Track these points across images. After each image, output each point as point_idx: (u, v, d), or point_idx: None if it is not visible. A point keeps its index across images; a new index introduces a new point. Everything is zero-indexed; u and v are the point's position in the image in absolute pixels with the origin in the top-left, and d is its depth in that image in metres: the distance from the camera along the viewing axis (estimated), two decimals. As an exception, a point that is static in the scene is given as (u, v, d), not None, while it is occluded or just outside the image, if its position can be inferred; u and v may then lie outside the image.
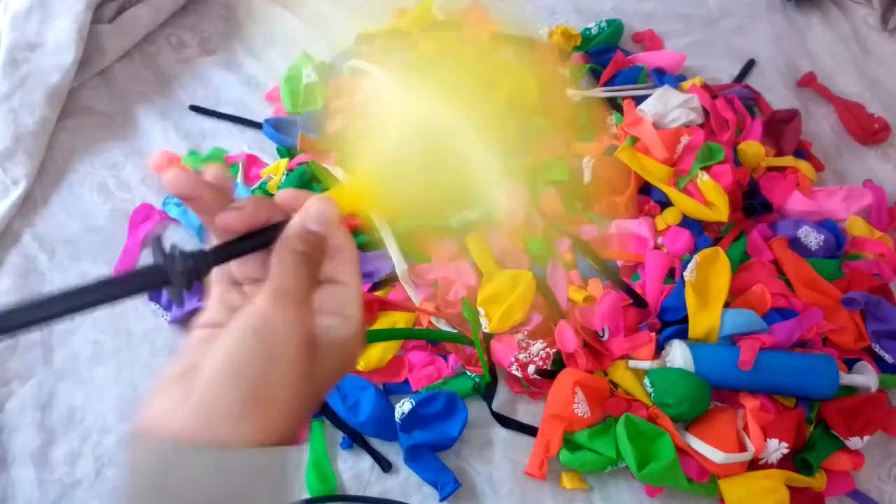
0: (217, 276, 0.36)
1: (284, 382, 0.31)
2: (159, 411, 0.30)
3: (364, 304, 0.36)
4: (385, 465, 0.73)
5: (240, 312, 0.32)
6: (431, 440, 0.72)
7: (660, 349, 0.79)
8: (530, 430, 0.75)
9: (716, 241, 0.86)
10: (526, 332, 0.77)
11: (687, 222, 0.87)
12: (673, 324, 0.80)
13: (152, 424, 0.30)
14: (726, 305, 0.80)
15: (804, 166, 0.96)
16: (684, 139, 0.90)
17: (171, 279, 0.32)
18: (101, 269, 0.85)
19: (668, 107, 0.93)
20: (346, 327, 0.34)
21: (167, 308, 0.81)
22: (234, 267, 0.36)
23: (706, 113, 0.96)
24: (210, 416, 0.29)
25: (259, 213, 0.35)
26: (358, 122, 0.43)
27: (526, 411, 0.77)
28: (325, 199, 0.35)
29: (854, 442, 0.74)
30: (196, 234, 0.87)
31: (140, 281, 0.31)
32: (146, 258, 0.86)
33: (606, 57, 1.04)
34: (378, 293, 0.81)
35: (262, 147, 0.96)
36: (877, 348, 0.81)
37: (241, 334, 0.31)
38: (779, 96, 1.07)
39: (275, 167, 0.91)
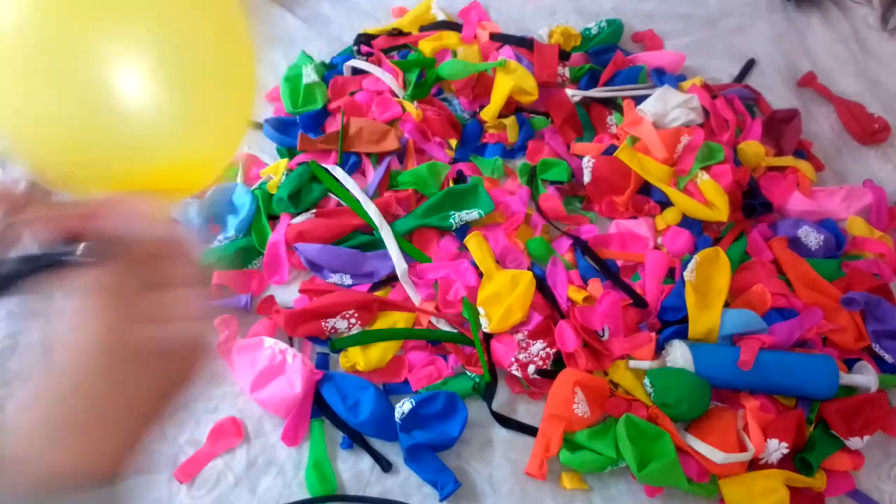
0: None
1: (114, 402, 0.29)
2: (14, 427, 0.29)
3: (202, 307, 0.33)
4: (385, 465, 0.73)
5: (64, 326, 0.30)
6: (431, 440, 0.72)
7: (660, 349, 0.79)
8: (530, 430, 0.75)
9: (716, 241, 0.86)
10: (526, 332, 0.77)
11: (687, 222, 0.87)
12: (673, 324, 0.80)
13: (7, 441, 0.29)
14: (726, 305, 0.80)
15: (804, 166, 0.96)
16: (684, 139, 0.90)
17: None
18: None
19: (668, 107, 0.93)
20: (183, 330, 0.32)
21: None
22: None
23: (706, 113, 0.96)
24: (40, 442, 0.28)
25: (73, 217, 0.32)
26: None
27: (526, 411, 0.77)
28: (142, 199, 0.33)
29: (854, 442, 0.74)
30: (196, 237, 0.87)
31: None
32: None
33: (606, 57, 1.04)
34: (378, 293, 0.81)
35: (262, 147, 0.96)
36: (877, 348, 0.81)
37: (66, 360, 0.30)
38: (779, 96, 1.07)
39: (275, 167, 0.91)
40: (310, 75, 0.98)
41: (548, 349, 0.77)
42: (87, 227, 0.32)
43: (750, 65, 1.12)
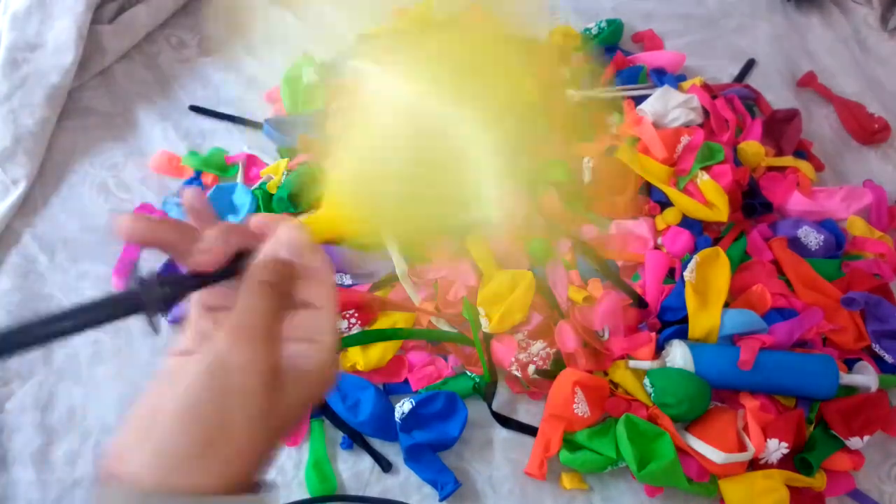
0: (193, 301, 0.35)
1: (241, 423, 0.30)
2: (121, 454, 0.30)
3: (337, 328, 0.34)
4: (385, 465, 0.73)
5: (202, 349, 0.31)
6: (431, 440, 0.72)
7: (660, 349, 0.79)
8: (530, 430, 0.75)
9: (716, 241, 0.86)
10: (526, 332, 0.77)
11: (687, 222, 0.87)
12: (673, 324, 0.80)
13: (115, 468, 0.29)
14: (726, 305, 0.80)
15: (804, 166, 0.96)
16: (684, 139, 0.90)
17: (146, 306, 0.32)
18: (100, 269, 0.85)
19: (668, 107, 0.93)
20: (318, 352, 0.33)
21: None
22: (207, 293, 0.35)
23: (706, 113, 0.96)
24: (164, 463, 0.29)
25: (230, 244, 0.34)
26: (342, 127, 0.41)
27: (526, 411, 0.77)
28: (296, 226, 0.35)
29: (854, 442, 0.74)
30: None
31: (115, 308, 0.31)
32: (140, 264, 0.86)
33: (606, 57, 1.04)
34: (378, 293, 0.81)
35: (262, 147, 0.96)
36: (877, 348, 0.81)
37: (196, 375, 0.30)
38: (779, 96, 1.07)
39: (275, 167, 0.91)
40: (310, 75, 0.98)
41: (548, 349, 0.77)
42: (250, 246, 0.35)
43: (750, 65, 1.12)
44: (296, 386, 0.33)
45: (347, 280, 0.82)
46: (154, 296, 0.32)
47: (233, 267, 0.34)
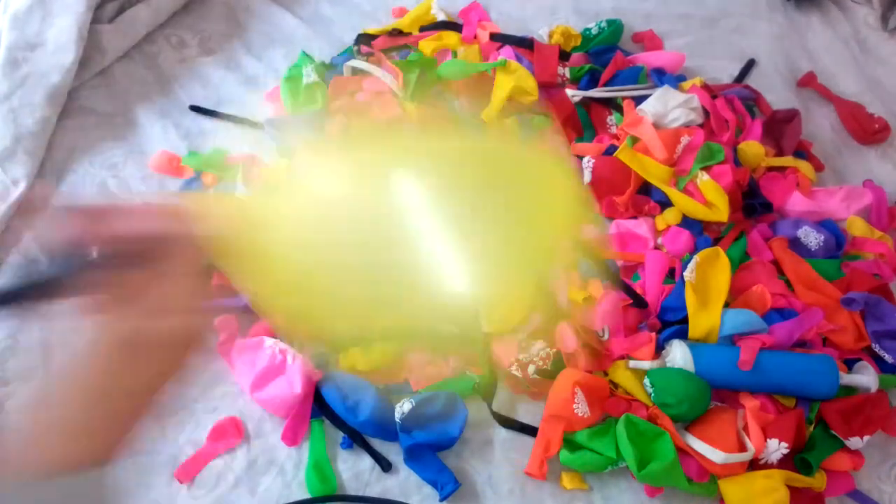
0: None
1: (84, 398, 0.30)
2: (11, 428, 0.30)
3: (197, 294, 0.34)
4: (385, 465, 0.73)
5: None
6: (431, 440, 0.72)
7: (660, 349, 0.79)
8: (530, 430, 0.75)
9: (716, 241, 0.86)
10: (526, 333, 0.77)
11: (687, 222, 0.87)
12: (673, 324, 0.80)
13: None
14: (726, 305, 0.80)
15: (804, 166, 0.96)
16: (684, 139, 0.90)
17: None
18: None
19: (668, 107, 0.93)
20: (176, 320, 0.33)
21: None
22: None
23: (706, 113, 0.96)
24: (15, 445, 0.29)
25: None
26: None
27: (526, 411, 0.77)
28: (168, 196, 0.35)
29: (854, 442, 0.74)
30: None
31: None
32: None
33: (606, 57, 1.04)
34: (378, 293, 0.81)
35: (263, 147, 0.95)
36: (877, 348, 0.81)
37: (38, 362, 0.31)
38: (779, 96, 1.07)
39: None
40: (310, 75, 0.98)
41: (548, 349, 0.77)
42: (95, 230, 0.34)
43: (750, 65, 1.12)
44: (154, 356, 0.33)
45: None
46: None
47: (75, 257, 0.34)
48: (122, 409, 0.32)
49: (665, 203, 0.89)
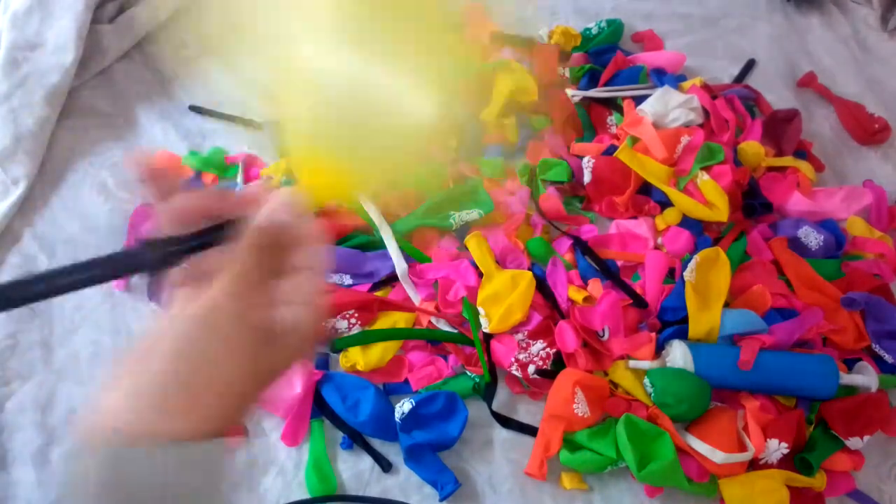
0: (183, 276, 0.36)
1: (227, 372, 0.31)
2: (106, 402, 0.31)
3: (322, 292, 0.35)
4: (385, 465, 0.73)
5: (195, 303, 0.32)
6: (431, 440, 0.72)
7: (660, 349, 0.79)
8: (530, 430, 0.75)
9: (716, 241, 0.86)
10: (526, 332, 0.77)
11: (687, 222, 0.87)
12: (673, 324, 0.80)
13: (97, 417, 0.30)
14: (726, 305, 0.80)
15: (804, 166, 0.96)
16: (684, 139, 0.90)
17: (147, 265, 0.32)
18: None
19: (668, 107, 0.93)
20: (303, 314, 0.34)
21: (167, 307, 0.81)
22: (195, 264, 0.36)
23: (706, 113, 0.96)
24: (144, 408, 0.30)
25: (222, 204, 0.35)
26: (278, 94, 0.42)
27: (526, 411, 0.77)
28: (288, 192, 0.36)
29: (854, 442, 0.74)
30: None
31: (115, 266, 0.32)
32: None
33: (606, 57, 1.04)
34: (378, 293, 0.81)
35: (262, 147, 0.95)
36: (877, 348, 0.81)
37: (189, 321, 0.32)
38: (779, 96, 1.07)
39: (275, 167, 0.91)
40: (310, 75, 0.98)
41: (548, 349, 0.77)
42: (230, 213, 0.35)
43: (750, 65, 1.12)
44: (281, 345, 0.34)
45: (348, 280, 0.82)
46: (154, 255, 0.32)
47: (223, 231, 0.35)
48: (229, 396, 0.32)
49: (665, 203, 0.89)
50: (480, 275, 0.81)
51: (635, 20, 1.15)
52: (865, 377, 0.77)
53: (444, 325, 0.80)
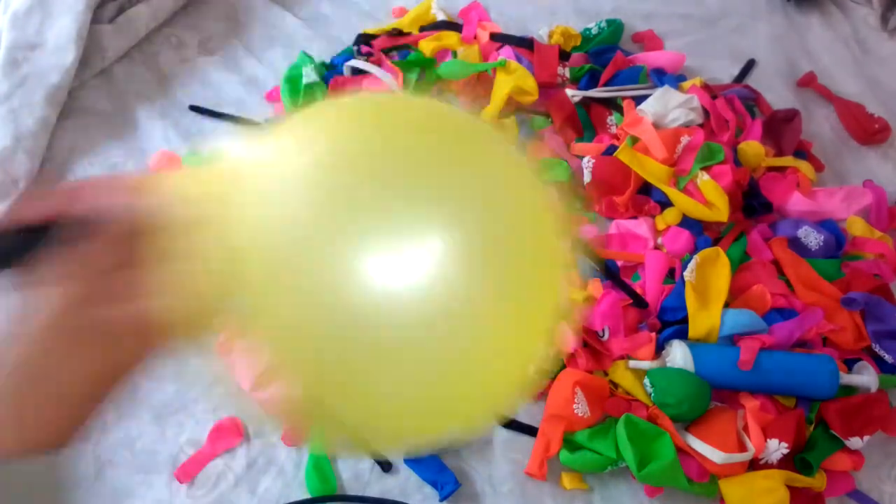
0: (16, 280, 0.34)
1: (65, 378, 0.30)
2: None
3: (175, 288, 0.32)
4: (385, 465, 0.73)
5: (27, 307, 0.31)
6: (431, 440, 0.72)
7: (660, 349, 0.79)
8: (530, 430, 0.75)
9: (716, 241, 0.86)
10: (526, 332, 0.77)
11: (687, 222, 0.87)
12: (673, 324, 0.80)
13: None
14: (726, 305, 0.80)
15: (804, 166, 0.96)
16: (684, 139, 0.90)
17: None
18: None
19: (668, 107, 0.93)
20: (166, 305, 0.32)
21: None
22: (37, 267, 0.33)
23: (706, 113, 0.96)
24: None
25: (69, 204, 0.33)
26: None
27: (526, 411, 0.77)
28: (150, 177, 0.34)
29: (854, 442, 0.74)
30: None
31: None
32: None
33: (606, 57, 1.04)
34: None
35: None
36: (877, 348, 0.81)
37: (18, 329, 0.30)
38: (779, 96, 1.07)
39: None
40: (310, 75, 0.98)
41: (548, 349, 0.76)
42: (67, 210, 0.33)
43: (750, 65, 1.12)
44: (131, 341, 0.31)
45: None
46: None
47: (44, 233, 0.33)
48: (71, 394, 0.30)
49: (665, 203, 0.89)
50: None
51: (635, 20, 1.15)
52: (865, 377, 0.77)
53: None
